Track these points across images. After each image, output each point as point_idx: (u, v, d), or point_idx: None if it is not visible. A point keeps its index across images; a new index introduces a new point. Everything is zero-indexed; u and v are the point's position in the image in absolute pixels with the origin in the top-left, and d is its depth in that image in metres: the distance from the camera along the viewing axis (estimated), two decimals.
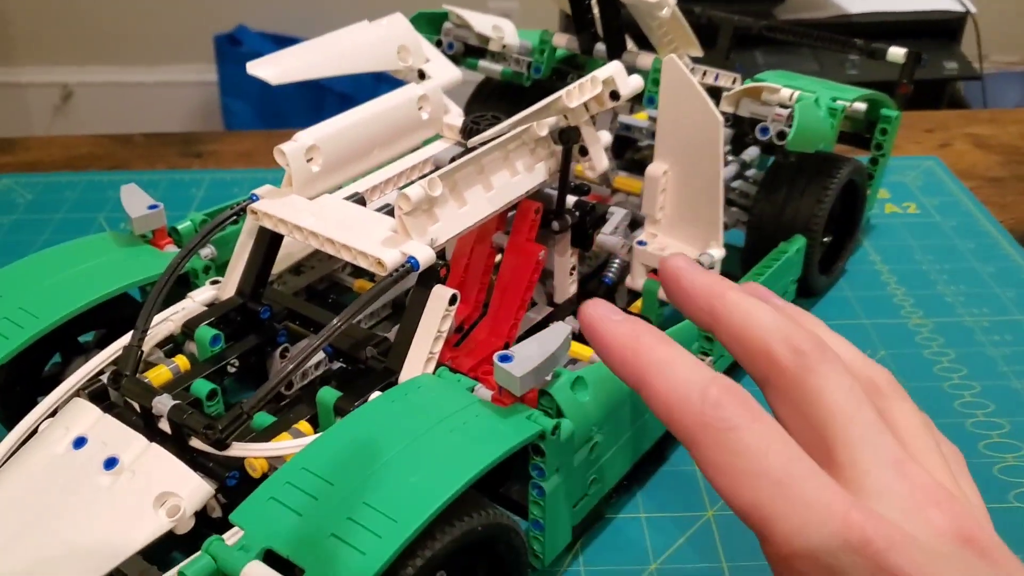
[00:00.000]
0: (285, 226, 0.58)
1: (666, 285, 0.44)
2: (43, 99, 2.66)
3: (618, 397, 0.55)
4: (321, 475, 0.44)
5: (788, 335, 0.39)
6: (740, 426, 0.36)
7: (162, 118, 2.61)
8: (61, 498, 0.47)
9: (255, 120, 2.47)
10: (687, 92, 0.62)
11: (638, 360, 0.40)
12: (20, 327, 0.55)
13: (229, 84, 2.52)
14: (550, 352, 0.49)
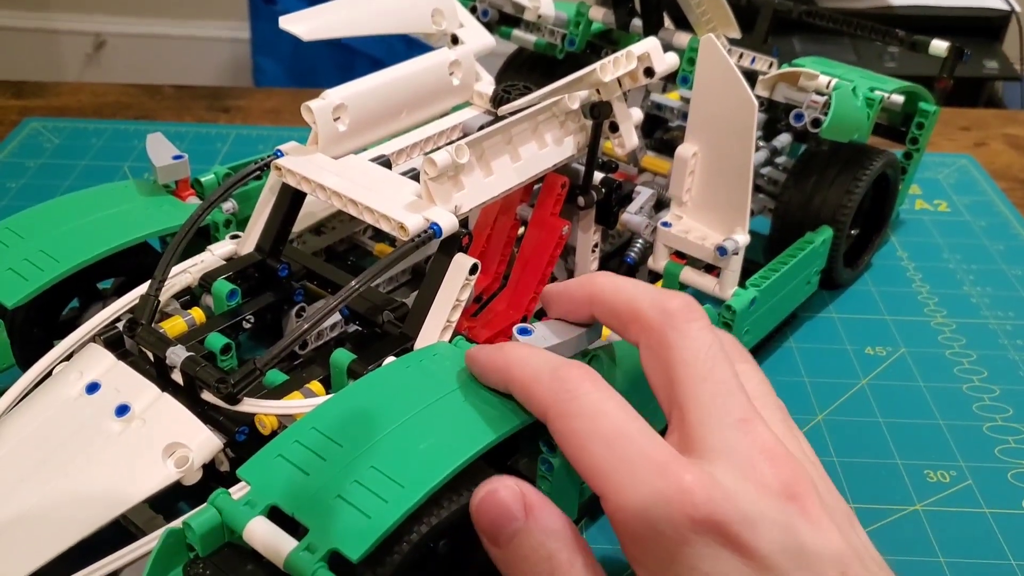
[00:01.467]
0: (308, 184, 0.57)
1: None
2: (75, 47, 2.66)
3: (634, 377, 0.55)
4: (331, 436, 0.44)
5: (657, 298, 0.43)
6: (580, 394, 0.40)
7: (193, 73, 2.61)
8: (71, 441, 0.47)
9: (285, 80, 2.47)
10: (723, 73, 0.60)
11: (505, 362, 0.44)
12: (40, 269, 0.55)
13: (261, 42, 2.51)
14: (574, 336, 0.48)
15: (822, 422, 0.66)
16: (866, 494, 0.61)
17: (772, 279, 0.66)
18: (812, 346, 0.74)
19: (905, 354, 0.73)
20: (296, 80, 2.43)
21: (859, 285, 0.81)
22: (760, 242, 0.79)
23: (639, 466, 0.38)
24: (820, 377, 0.70)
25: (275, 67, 2.55)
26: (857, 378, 0.70)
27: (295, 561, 0.39)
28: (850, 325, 0.76)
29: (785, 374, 0.71)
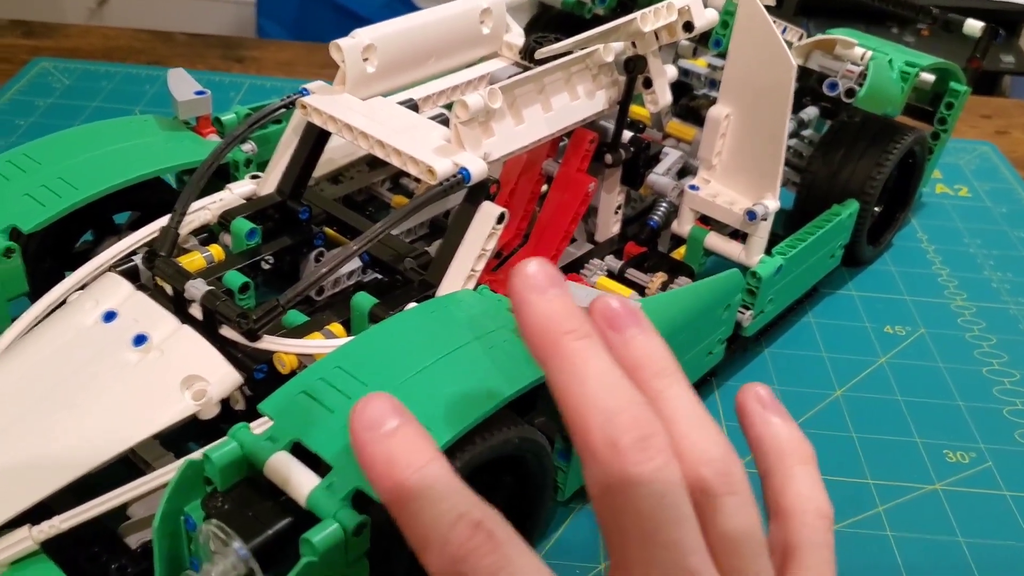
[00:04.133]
0: (335, 124, 0.56)
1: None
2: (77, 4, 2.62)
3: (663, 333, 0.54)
4: (355, 375, 0.43)
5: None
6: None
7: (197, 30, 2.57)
8: (86, 369, 0.46)
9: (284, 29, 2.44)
10: (762, 34, 0.59)
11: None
12: (58, 196, 0.54)
13: (267, 6, 2.48)
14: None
15: (841, 397, 0.65)
16: (884, 471, 0.60)
17: (799, 248, 0.65)
18: (831, 322, 0.73)
19: (924, 335, 0.72)
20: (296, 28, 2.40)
21: (879, 264, 0.80)
22: (780, 215, 0.78)
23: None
24: (839, 353, 0.69)
25: (279, 31, 2.52)
26: (876, 356, 0.69)
27: (317, 499, 0.38)
28: (869, 303, 0.75)
29: (804, 348, 0.70)
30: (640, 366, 0.39)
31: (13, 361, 0.47)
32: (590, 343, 0.38)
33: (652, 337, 0.40)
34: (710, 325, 0.59)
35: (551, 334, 0.38)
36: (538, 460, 0.47)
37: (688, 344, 0.57)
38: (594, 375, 0.37)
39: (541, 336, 0.38)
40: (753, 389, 0.42)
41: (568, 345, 0.38)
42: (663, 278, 0.63)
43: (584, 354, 0.38)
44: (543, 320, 0.38)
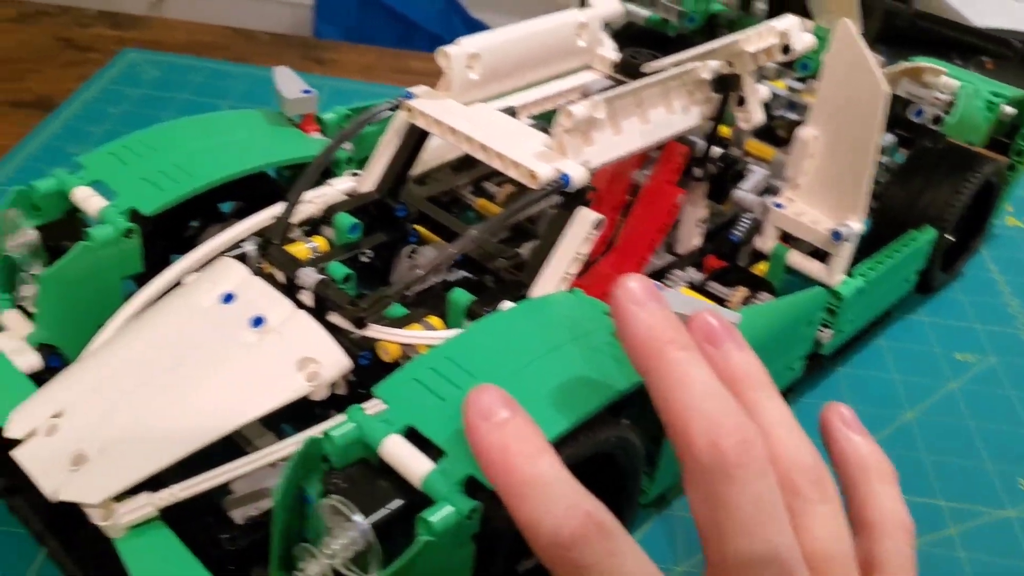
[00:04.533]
0: (439, 127, 0.58)
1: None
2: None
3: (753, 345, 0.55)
4: (464, 367, 0.45)
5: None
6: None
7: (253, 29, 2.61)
8: (205, 348, 0.48)
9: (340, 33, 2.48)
10: (856, 59, 0.60)
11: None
12: (175, 182, 0.56)
13: (325, 10, 2.53)
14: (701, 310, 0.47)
15: (912, 420, 0.66)
16: (956, 493, 0.61)
17: (879, 271, 0.66)
18: (902, 346, 0.73)
19: (995, 363, 0.73)
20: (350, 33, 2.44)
21: (949, 292, 0.81)
22: None
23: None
24: (910, 376, 0.70)
25: (336, 34, 2.56)
26: (946, 381, 0.70)
27: (432, 482, 0.40)
28: (940, 329, 0.76)
29: (876, 369, 0.71)
30: (737, 379, 0.41)
31: (136, 335, 0.49)
32: (692, 354, 0.40)
33: (747, 352, 0.42)
34: (793, 340, 0.60)
35: (654, 343, 0.40)
36: (630, 461, 0.49)
37: (772, 358, 0.58)
38: (697, 383, 0.39)
39: (644, 345, 0.40)
40: (837, 408, 0.44)
41: (671, 354, 0.40)
42: (745, 293, 0.65)
43: (687, 363, 0.39)
44: (646, 330, 0.41)
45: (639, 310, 0.41)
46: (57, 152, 0.83)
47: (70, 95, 0.93)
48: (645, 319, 0.41)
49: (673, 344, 0.40)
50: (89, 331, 0.54)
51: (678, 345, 0.40)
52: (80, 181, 0.56)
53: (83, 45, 1.03)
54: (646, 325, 0.41)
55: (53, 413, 0.46)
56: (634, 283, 0.41)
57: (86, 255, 0.52)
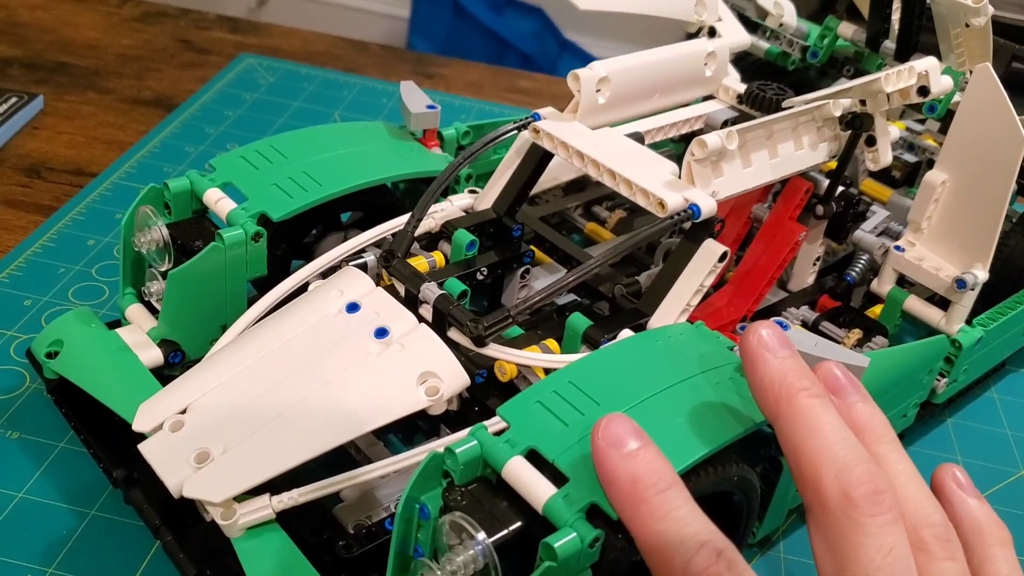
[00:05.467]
0: (565, 149, 0.58)
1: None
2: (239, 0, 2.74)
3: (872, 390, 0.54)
4: (588, 393, 0.45)
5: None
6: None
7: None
8: (330, 354, 0.48)
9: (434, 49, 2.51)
10: (994, 104, 0.59)
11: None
12: (304, 190, 0.57)
13: (420, 23, 2.56)
14: (827, 357, 0.46)
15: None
16: None
17: (1000, 321, 0.64)
18: (1016, 399, 0.71)
19: None
20: (446, 50, 2.47)
21: None
22: None
23: None
24: (1022, 431, 0.68)
25: (429, 47, 2.59)
26: None
27: (555, 508, 0.40)
28: None
29: (987, 422, 0.68)
30: (863, 431, 0.41)
31: (262, 338, 0.50)
32: (823, 402, 0.40)
33: (872, 405, 0.42)
34: (911, 388, 0.59)
35: (787, 389, 0.40)
36: (747, 500, 0.48)
37: (889, 404, 0.57)
38: (829, 430, 0.39)
39: (776, 391, 0.41)
40: (951, 469, 0.44)
41: (803, 401, 0.40)
42: (858, 335, 0.63)
43: (819, 410, 0.39)
44: (779, 376, 0.41)
45: (771, 356, 0.41)
46: (176, 150, 0.86)
47: (189, 96, 0.95)
48: (777, 365, 0.41)
49: (805, 392, 0.40)
50: (211, 331, 0.55)
51: (810, 393, 0.40)
52: (212, 183, 0.57)
53: (202, 47, 1.06)
54: (779, 371, 0.41)
55: (180, 409, 0.47)
56: (766, 330, 0.42)
57: (215, 255, 0.53)
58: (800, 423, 0.40)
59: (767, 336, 0.42)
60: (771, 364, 0.41)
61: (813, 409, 0.40)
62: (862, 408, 0.42)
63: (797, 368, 0.41)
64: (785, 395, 0.40)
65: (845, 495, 0.37)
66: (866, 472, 0.38)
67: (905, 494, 0.40)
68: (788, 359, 0.41)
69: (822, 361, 0.43)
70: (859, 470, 0.38)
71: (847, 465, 0.38)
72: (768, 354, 0.41)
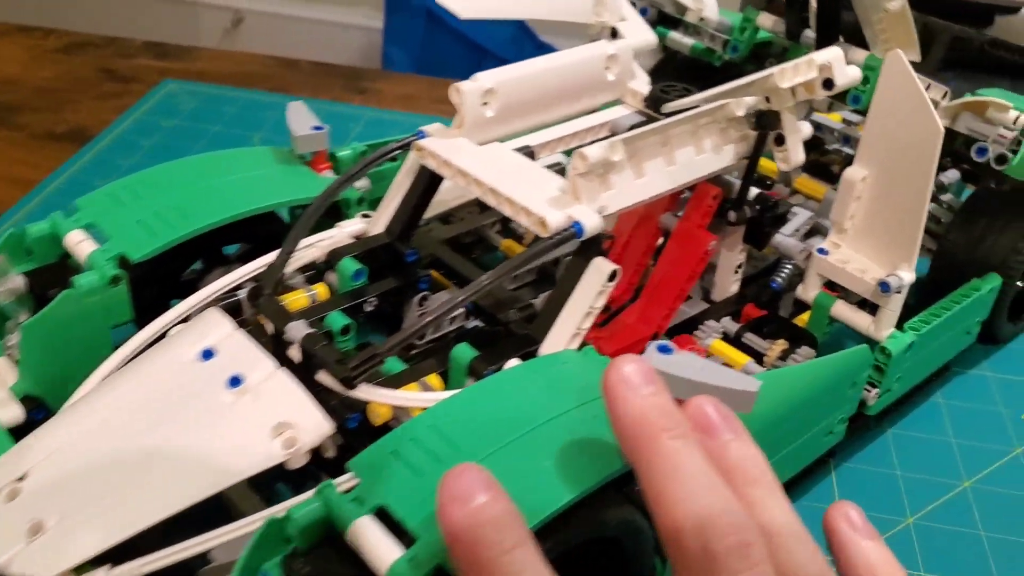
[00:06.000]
0: (448, 168, 0.54)
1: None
2: (215, 21, 2.72)
3: (777, 415, 0.50)
4: (450, 437, 0.41)
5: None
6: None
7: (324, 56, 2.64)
8: (181, 407, 0.45)
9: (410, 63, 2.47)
10: (908, 94, 0.55)
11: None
12: (169, 226, 0.54)
13: (394, 33, 2.53)
14: (711, 383, 0.42)
15: (968, 489, 0.60)
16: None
17: (932, 324, 0.60)
18: (963, 404, 0.67)
19: None
20: (423, 72, 2.43)
21: (1019, 343, 0.74)
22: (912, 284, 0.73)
23: None
24: (969, 440, 0.64)
25: (405, 58, 2.56)
26: (1011, 445, 0.64)
27: (397, 572, 0.36)
28: (1007, 386, 0.69)
29: (931, 431, 0.64)
30: (734, 473, 0.37)
31: (112, 392, 0.46)
32: (687, 443, 0.36)
33: (747, 444, 0.38)
34: (833, 403, 0.55)
35: (646, 430, 0.36)
36: (635, 545, 0.44)
37: (808, 423, 0.53)
38: (690, 475, 0.35)
39: (635, 432, 0.36)
40: (843, 509, 0.39)
41: (664, 443, 0.36)
42: (783, 346, 0.59)
43: (681, 454, 0.35)
44: (638, 415, 0.37)
45: (632, 394, 0.37)
46: (84, 186, 0.81)
47: (105, 127, 0.92)
48: (638, 404, 0.37)
49: (667, 432, 0.36)
50: (75, 382, 0.51)
51: (672, 434, 0.36)
52: (75, 224, 0.54)
53: (125, 76, 1.03)
54: (639, 410, 0.37)
55: (18, 476, 0.44)
56: (630, 365, 0.38)
57: (69, 303, 0.50)
58: (659, 468, 0.36)
59: (629, 372, 0.38)
60: (630, 403, 0.37)
61: (675, 452, 0.36)
62: (736, 448, 0.38)
63: (660, 406, 0.37)
64: (644, 437, 0.36)
65: (706, 550, 0.33)
66: (731, 522, 0.34)
67: (779, 543, 0.35)
68: (651, 396, 0.37)
69: (695, 396, 0.39)
70: (723, 520, 0.34)
71: (710, 515, 0.34)
72: (629, 392, 0.37)
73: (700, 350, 0.56)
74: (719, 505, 0.34)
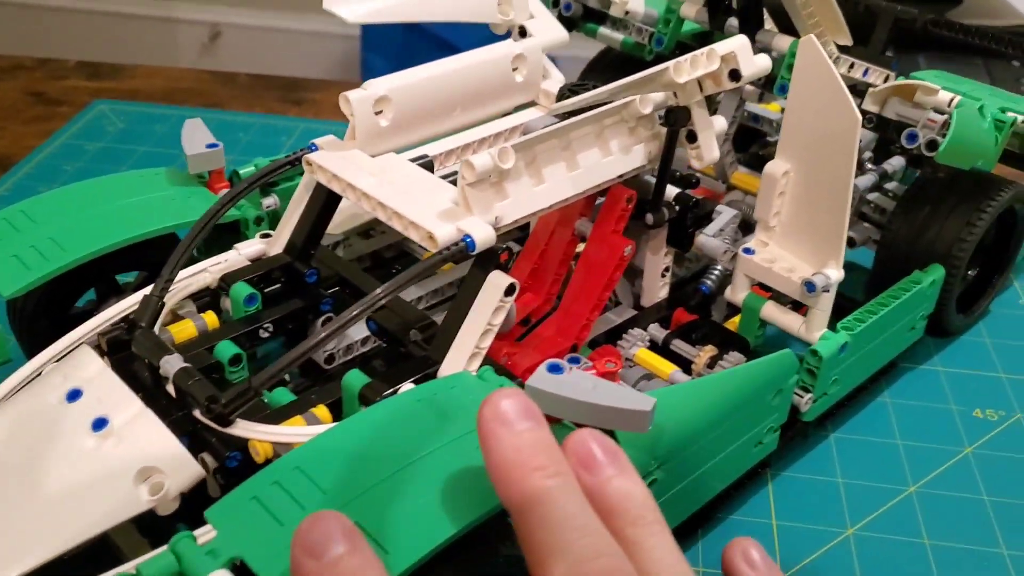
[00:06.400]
0: (338, 182, 0.51)
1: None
2: (193, 36, 2.70)
3: (694, 428, 0.47)
4: (315, 479, 0.38)
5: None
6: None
7: (303, 65, 2.61)
8: (46, 454, 0.42)
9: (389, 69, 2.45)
10: (823, 81, 0.52)
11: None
12: (45, 259, 0.51)
13: (371, 39, 2.50)
14: (602, 404, 0.40)
15: (914, 495, 0.57)
16: None
17: (868, 322, 0.57)
18: (911, 403, 0.64)
19: (1021, 420, 0.63)
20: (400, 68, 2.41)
21: (972, 335, 0.71)
22: (859, 278, 0.70)
23: None
24: (917, 441, 0.61)
25: (383, 64, 2.53)
26: (961, 445, 0.61)
27: None
28: (958, 381, 0.66)
29: (877, 434, 0.61)
30: (616, 512, 0.34)
31: None
32: (562, 482, 0.33)
33: (631, 479, 0.35)
34: (757, 414, 0.52)
35: (518, 470, 0.33)
36: None
37: (730, 436, 0.50)
38: (563, 516, 0.32)
39: (507, 472, 0.34)
40: (740, 546, 0.37)
41: (537, 483, 0.33)
42: (712, 352, 0.56)
43: (554, 494, 0.33)
44: (511, 454, 0.34)
45: (506, 432, 0.34)
46: None
47: (28, 152, 0.89)
48: (511, 443, 0.34)
49: (541, 472, 0.33)
50: None
51: (547, 473, 0.33)
52: None
53: (54, 99, 1.00)
54: (512, 449, 0.34)
55: None
56: (506, 399, 0.35)
57: None
58: (530, 509, 0.33)
59: (505, 407, 0.35)
60: (504, 442, 0.34)
61: (548, 492, 0.33)
62: (618, 485, 0.35)
63: (535, 443, 0.34)
64: (517, 477, 0.34)
65: None
66: (604, 567, 0.31)
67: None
68: (526, 432, 0.35)
69: (576, 431, 0.36)
70: (595, 565, 0.31)
71: (581, 559, 0.31)
72: (503, 430, 0.35)
73: (615, 364, 0.52)
74: (592, 548, 0.32)
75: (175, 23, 2.72)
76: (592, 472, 0.35)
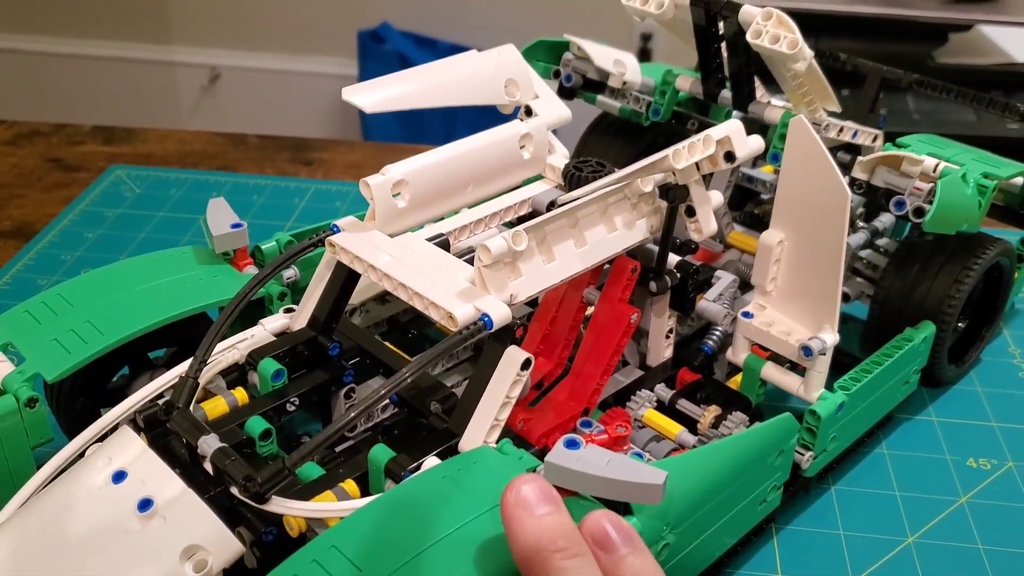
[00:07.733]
0: (360, 263, 0.54)
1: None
2: (192, 78, 2.74)
3: (702, 494, 0.50)
4: (351, 558, 0.41)
5: None
6: None
7: (301, 107, 2.65)
8: (92, 535, 0.44)
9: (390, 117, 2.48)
10: (814, 158, 0.55)
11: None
12: (84, 342, 0.54)
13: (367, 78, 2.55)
14: (617, 479, 0.43)
15: (912, 545, 0.59)
16: None
17: (864, 381, 0.60)
18: (906, 454, 0.67)
19: (1013, 469, 0.65)
20: (401, 117, 2.44)
21: (964, 384, 0.74)
22: (855, 332, 0.73)
23: None
24: (913, 491, 0.63)
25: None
26: (956, 495, 0.63)
27: None
28: (951, 431, 0.69)
29: (875, 485, 0.64)
30: None
31: (26, 520, 0.46)
32: (581, 562, 0.36)
33: (643, 557, 0.39)
34: (761, 475, 0.54)
35: (541, 554, 0.37)
36: None
37: (736, 498, 0.53)
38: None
39: (531, 555, 0.37)
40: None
41: (558, 564, 0.36)
42: (716, 412, 0.59)
43: (574, 573, 0.36)
44: (533, 539, 0.37)
45: (527, 516, 0.38)
46: (27, 285, 0.83)
47: (50, 220, 0.92)
48: (532, 527, 0.38)
49: (561, 553, 0.37)
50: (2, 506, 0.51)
51: (567, 554, 0.37)
52: None
53: (72, 164, 1.03)
54: (534, 533, 0.38)
55: None
56: (527, 485, 0.39)
57: None
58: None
59: (526, 492, 0.39)
60: (526, 526, 0.38)
61: (568, 572, 0.36)
62: (631, 563, 0.38)
63: (555, 527, 0.38)
64: (539, 560, 0.37)
65: None
66: None
67: None
68: (547, 516, 0.38)
69: (591, 512, 0.40)
70: None
71: None
72: (524, 514, 0.38)
73: (625, 427, 0.55)
74: None
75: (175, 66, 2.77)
76: (607, 551, 0.38)
